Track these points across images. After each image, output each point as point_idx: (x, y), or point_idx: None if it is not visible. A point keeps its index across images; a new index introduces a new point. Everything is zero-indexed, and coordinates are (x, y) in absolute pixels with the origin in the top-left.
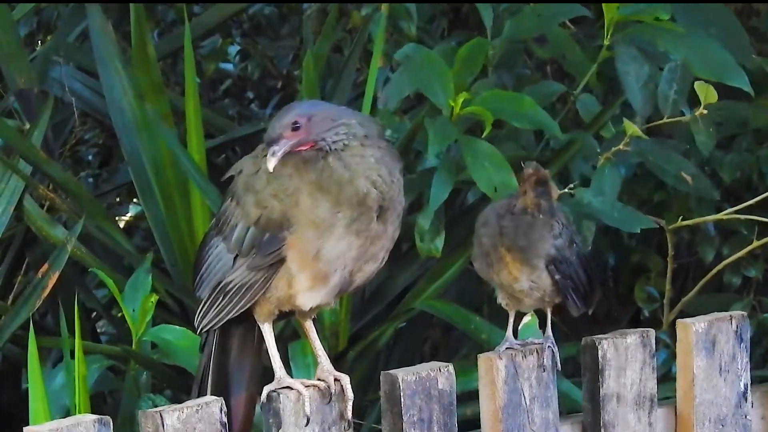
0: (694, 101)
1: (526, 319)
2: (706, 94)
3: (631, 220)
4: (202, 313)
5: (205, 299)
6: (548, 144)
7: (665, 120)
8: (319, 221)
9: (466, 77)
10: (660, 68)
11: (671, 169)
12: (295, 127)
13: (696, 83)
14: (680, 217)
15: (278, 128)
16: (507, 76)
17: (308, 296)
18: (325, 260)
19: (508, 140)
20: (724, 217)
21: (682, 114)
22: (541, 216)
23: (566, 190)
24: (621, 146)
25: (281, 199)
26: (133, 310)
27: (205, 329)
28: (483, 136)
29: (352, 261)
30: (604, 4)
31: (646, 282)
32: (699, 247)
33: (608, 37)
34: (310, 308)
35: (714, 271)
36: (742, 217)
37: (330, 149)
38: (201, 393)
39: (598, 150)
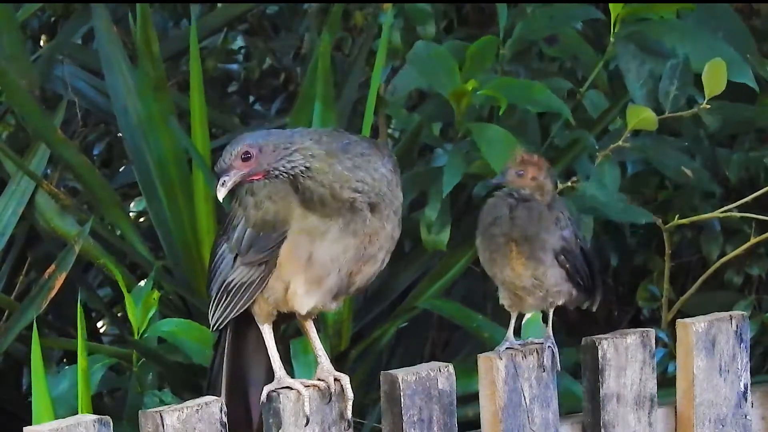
0: (694, 98)
1: (529, 315)
2: (712, 86)
3: (633, 213)
4: (211, 311)
5: (213, 297)
6: (552, 144)
7: (666, 115)
8: (311, 229)
9: (475, 73)
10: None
11: (671, 163)
12: (246, 158)
13: (704, 75)
14: (677, 216)
15: (228, 159)
16: (520, 69)
17: (303, 300)
18: (318, 264)
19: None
20: (720, 215)
21: (688, 108)
22: (535, 190)
23: (569, 183)
24: (620, 142)
25: (275, 201)
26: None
27: (214, 327)
28: (501, 114)
29: (348, 263)
30: (610, 2)
31: (649, 283)
32: (704, 244)
33: (614, 33)
34: (307, 312)
35: (712, 269)
36: (737, 215)
37: (290, 177)
38: (212, 390)
39: (597, 147)
